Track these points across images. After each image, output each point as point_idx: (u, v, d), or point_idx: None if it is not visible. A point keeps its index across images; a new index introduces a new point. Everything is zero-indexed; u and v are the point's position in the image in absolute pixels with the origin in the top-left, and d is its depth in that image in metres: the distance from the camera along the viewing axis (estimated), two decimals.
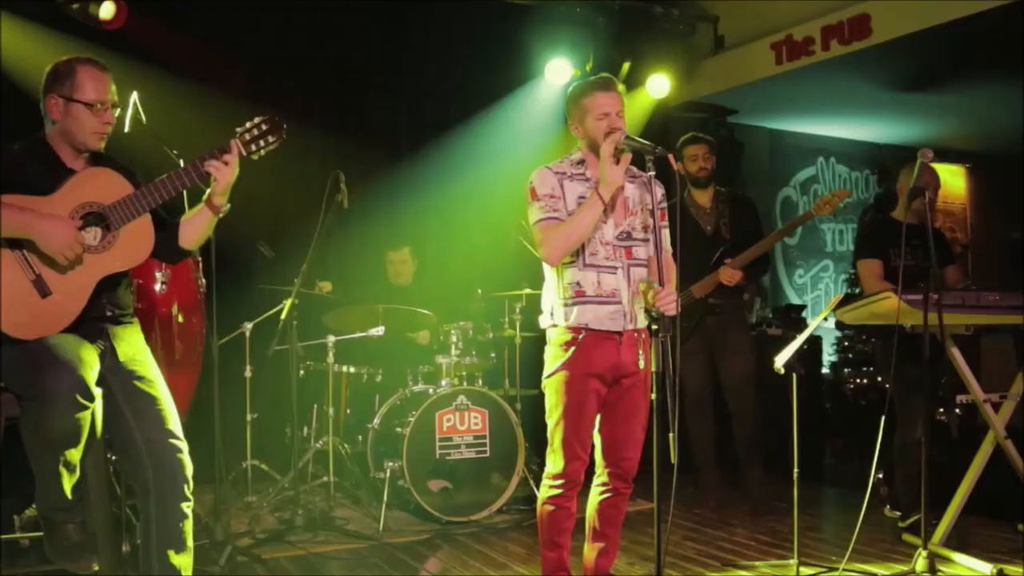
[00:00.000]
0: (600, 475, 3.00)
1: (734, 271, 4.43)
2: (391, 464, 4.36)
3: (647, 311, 2.76)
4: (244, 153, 2.65)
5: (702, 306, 4.54)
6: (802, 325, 5.81)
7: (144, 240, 2.64)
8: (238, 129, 2.66)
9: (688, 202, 4.68)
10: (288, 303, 4.24)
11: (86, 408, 2.43)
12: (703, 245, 4.57)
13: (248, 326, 4.62)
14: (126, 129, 3.31)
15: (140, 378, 2.66)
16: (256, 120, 2.68)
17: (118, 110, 2.69)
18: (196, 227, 2.76)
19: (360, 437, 4.85)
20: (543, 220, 2.87)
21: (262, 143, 2.66)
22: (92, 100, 2.60)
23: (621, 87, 2.94)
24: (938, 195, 4.14)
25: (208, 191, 2.68)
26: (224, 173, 2.62)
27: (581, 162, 2.95)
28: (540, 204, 2.88)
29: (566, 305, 2.88)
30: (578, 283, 2.87)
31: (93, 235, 2.56)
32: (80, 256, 2.51)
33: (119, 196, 2.57)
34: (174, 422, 2.67)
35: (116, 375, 2.63)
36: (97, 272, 2.56)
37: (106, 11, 4.60)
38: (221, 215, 2.73)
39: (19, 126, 2.79)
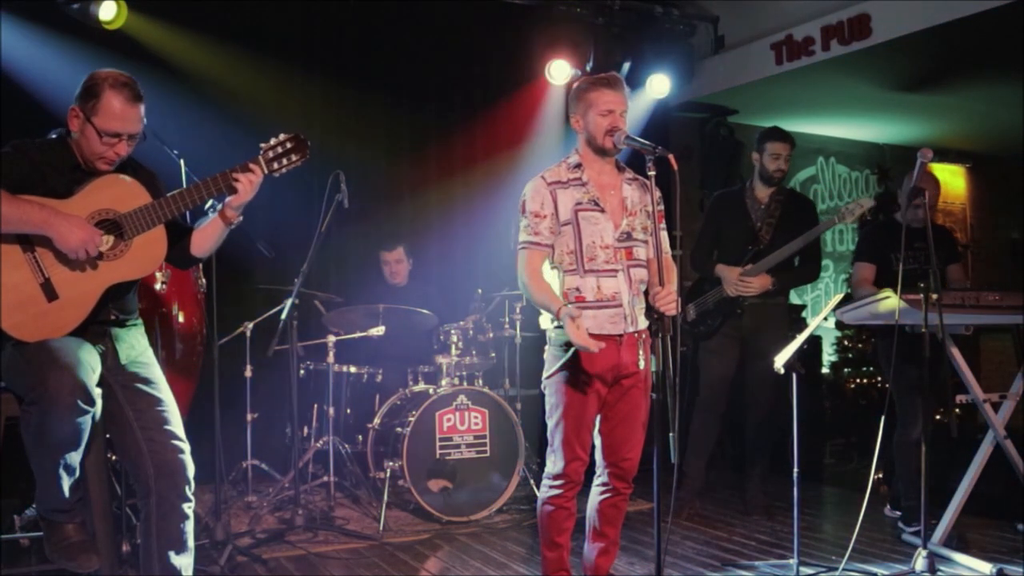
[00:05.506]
0: (600, 475, 3.00)
1: (747, 282, 4.33)
2: (391, 464, 4.36)
3: (648, 311, 2.77)
4: (266, 171, 2.64)
5: (734, 304, 4.43)
6: (802, 325, 5.81)
7: (156, 251, 2.63)
8: (263, 145, 2.65)
9: (747, 194, 4.59)
10: (288, 303, 4.24)
11: (87, 412, 2.42)
12: (744, 240, 4.45)
13: (248, 326, 4.61)
14: None
15: (142, 379, 2.66)
16: (281, 137, 2.67)
17: (136, 140, 2.59)
18: (208, 236, 2.77)
19: (360, 437, 4.85)
20: (523, 245, 2.91)
21: (285, 161, 2.66)
22: (107, 131, 2.51)
23: (627, 88, 2.95)
24: (937, 201, 4.14)
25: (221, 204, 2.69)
26: (248, 190, 2.62)
27: (578, 166, 2.95)
28: (525, 223, 2.92)
29: None
30: (578, 289, 2.88)
31: (106, 242, 2.54)
32: (95, 256, 2.49)
33: (135, 205, 2.55)
34: (176, 423, 2.67)
35: (118, 376, 2.63)
36: (106, 280, 2.55)
37: (106, 11, 4.60)
38: (233, 226, 2.73)
39: (19, 126, 2.78)
